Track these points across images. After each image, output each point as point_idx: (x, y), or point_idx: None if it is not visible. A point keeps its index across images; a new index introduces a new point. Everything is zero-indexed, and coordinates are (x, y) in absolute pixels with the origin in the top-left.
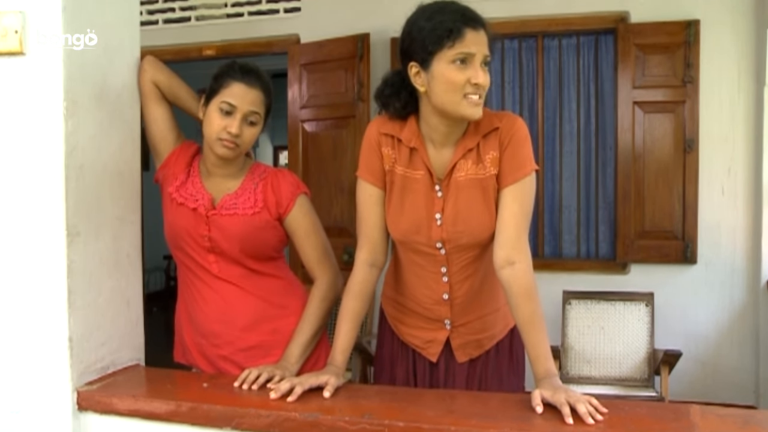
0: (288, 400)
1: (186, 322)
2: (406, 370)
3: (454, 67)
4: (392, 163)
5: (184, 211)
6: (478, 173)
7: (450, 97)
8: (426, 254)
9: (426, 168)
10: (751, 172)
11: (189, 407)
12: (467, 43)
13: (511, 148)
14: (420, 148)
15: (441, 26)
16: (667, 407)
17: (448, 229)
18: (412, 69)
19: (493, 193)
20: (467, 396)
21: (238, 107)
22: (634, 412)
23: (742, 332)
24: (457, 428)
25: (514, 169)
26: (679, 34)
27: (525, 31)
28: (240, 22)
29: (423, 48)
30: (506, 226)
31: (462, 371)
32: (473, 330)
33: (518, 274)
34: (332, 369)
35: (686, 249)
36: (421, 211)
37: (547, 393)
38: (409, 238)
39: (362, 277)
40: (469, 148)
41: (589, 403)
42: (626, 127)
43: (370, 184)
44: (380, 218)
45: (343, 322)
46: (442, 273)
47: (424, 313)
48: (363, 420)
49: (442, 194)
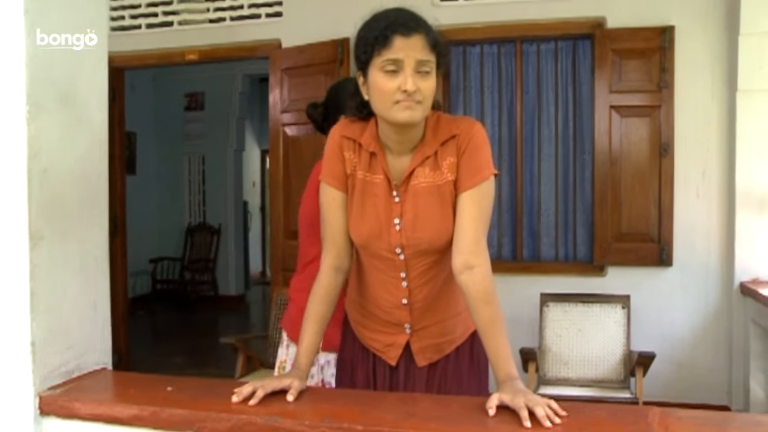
0: (249, 404)
1: None
2: (366, 373)
3: (384, 75)
4: (353, 167)
5: None
6: (435, 180)
7: (383, 103)
8: (385, 259)
9: (384, 173)
10: (725, 176)
11: (151, 411)
12: (395, 49)
13: (469, 153)
14: (379, 153)
15: (371, 34)
16: (628, 410)
17: (407, 234)
18: (359, 78)
19: (451, 198)
20: (428, 400)
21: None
22: (594, 415)
23: (716, 334)
24: None
25: (472, 174)
26: (655, 40)
27: (504, 36)
28: (222, 26)
29: (358, 57)
30: (464, 230)
31: (422, 375)
32: (433, 334)
33: (476, 278)
34: (296, 372)
35: (662, 252)
36: (381, 216)
37: (507, 396)
38: (369, 242)
39: (328, 282)
40: (427, 155)
41: (548, 406)
42: (603, 131)
43: (333, 188)
44: (344, 222)
45: (308, 325)
46: (402, 278)
47: (385, 317)
48: (323, 424)
49: (400, 200)
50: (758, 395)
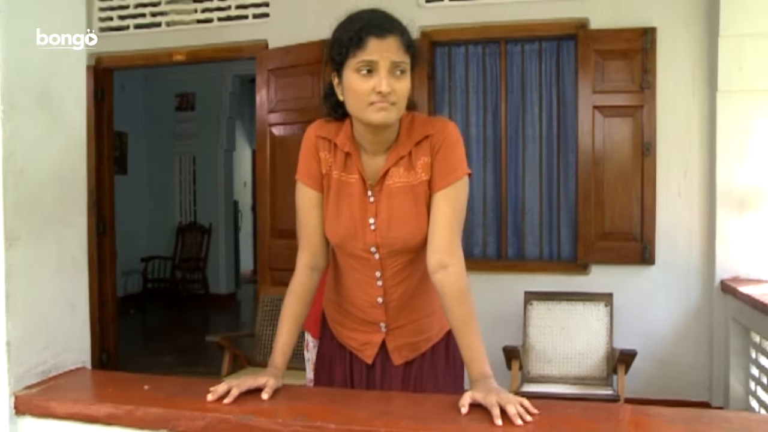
0: (224, 402)
1: None
2: (343, 371)
3: (359, 76)
4: (329, 167)
5: None
6: (410, 180)
7: (357, 104)
8: (361, 258)
9: (359, 173)
10: (706, 175)
11: (126, 410)
12: (369, 51)
13: (443, 153)
14: (353, 153)
15: (345, 36)
16: (600, 407)
17: (381, 234)
18: (334, 79)
19: (425, 198)
20: (403, 398)
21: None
22: (566, 412)
23: (697, 331)
24: (387, 430)
25: (446, 174)
26: (637, 41)
27: (488, 36)
28: (210, 27)
29: (334, 59)
30: (438, 230)
31: (398, 373)
32: (408, 333)
33: (451, 277)
34: (272, 371)
35: (644, 250)
36: (356, 216)
37: (480, 394)
38: (345, 242)
39: (303, 281)
40: (401, 155)
41: (521, 404)
42: (586, 131)
43: (308, 187)
44: (319, 222)
45: (284, 324)
46: (377, 277)
47: (361, 315)
48: (295, 422)
49: (374, 199)
50: (737, 391)
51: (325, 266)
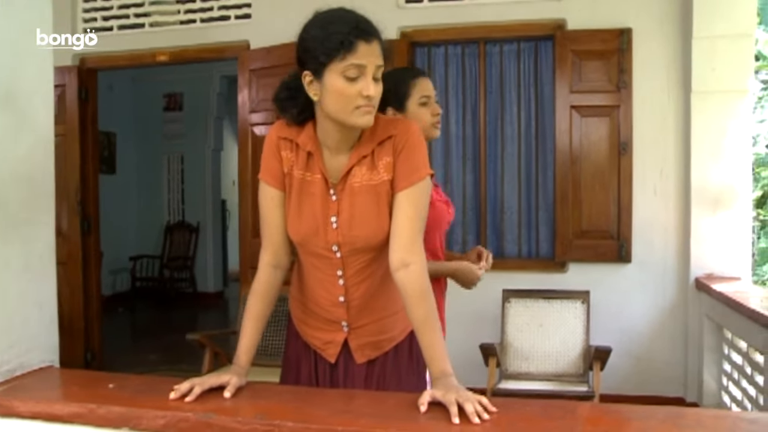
0: (186, 401)
1: None
2: (309, 370)
3: (346, 79)
4: (290, 166)
5: (439, 205)
6: (372, 179)
7: (342, 108)
8: (323, 257)
9: (321, 172)
10: (681, 174)
11: (89, 409)
12: (359, 55)
13: (405, 153)
14: (315, 153)
15: (333, 38)
16: (559, 405)
17: (343, 232)
18: (306, 77)
19: (387, 197)
20: (365, 396)
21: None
22: (524, 410)
23: (672, 328)
24: (344, 428)
25: (409, 174)
26: (613, 42)
27: (467, 37)
28: (192, 28)
29: (315, 59)
30: (401, 229)
31: (360, 372)
32: (371, 332)
33: (412, 276)
34: (235, 369)
35: (621, 248)
36: (318, 215)
37: (439, 392)
38: (306, 240)
39: (266, 279)
40: (364, 155)
41: (479, 402)
42: (564, 131)
43: (271, 186)
44: (281, 221)
45: (247, 323)
46: (338, 276)
47: (323, 314)
48: (254, 420)
49: (337, 198)
50: (711, 387)
51: (288, 265)
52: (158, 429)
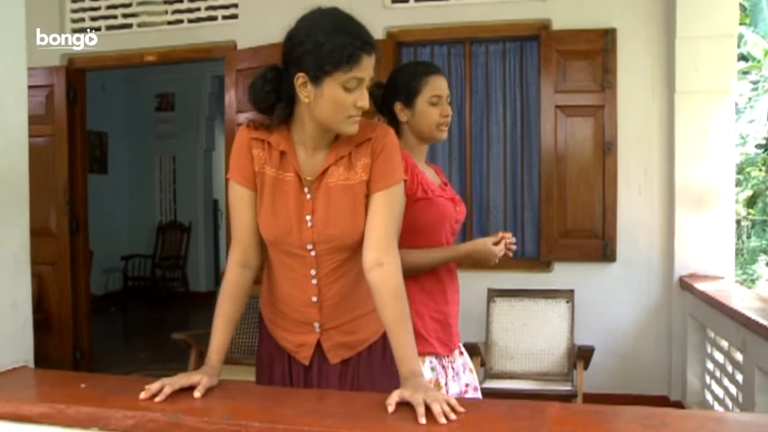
0: (155, 401)
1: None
2: (282, 372)
3: (344, 90)
4: (262, 164)
5: (442, 202)
6: (349, 179)
7: (335, 116)
8: (296, 256)
9: (295, 171)
10: (666, 174)
11: (58, 409)
12: (362, 68)
13: (383, 156)
14: (289, 152)
15: (341, 50)
16: (527, 405)
17: (318, 231)
18: (299, 79)
19: (363, 198)
20: (336, 396)
21: (443, 96)
22: (492, 411)
23: (657, 327)
24: (310, 428)
25: (386, 176)
26: (598, 42)
27: (453, 37)
28: (180, 28)
29: (318, 65)
30: (376, 229)
31: (335, 372)
32: (344, 332)
33: (386, 276)
34: (206, 369)
35: (606, 248)
36: (291, 213)
37: (407, 392)
38: (280, 239)
39: (234, 279)
40: (342, 155)
41: (447, 403)
42: (549, 130)
43: (240, 186)
44: (251, 220)
45: (217, 322)
46: (312, 275)
47: (295, 315)
48: (222, 420)
49: (311, 196)
50: (694, 385)
51: (257, 264)
52: (127, 429)
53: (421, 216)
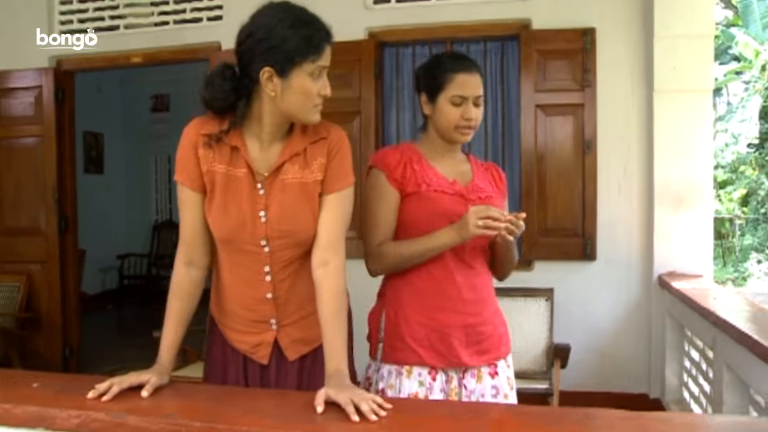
0: (103, 400)
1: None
2: (236, 372)
3: (311, 79)
4: (210, 162)
5: (436, 196)
6: (304, 176)
7: (303, 106)
8: (249, 253)
9: (247, 166)
10: (645, 173)
11: (4, 409)
12: (326, 57)
13: (339, 159)
14: (241, 147)
15: (308, 41)
16: (472, 407)
17: (272, 226)
18: (265, 74)
19: (317, 196)
20: (279, 396)
21: (469, 97)
22: (434, 412)
23: (636, 325)
24: (248, 428)
25: (340, 178)
26: (577, 41)
27: (435, 37)
28: (166, 30)
29: (286, 58)
30: (326, 229)
31: (293, 369)
32: (300, 328)
33: (329, 274)
34: (157, 368)
35: (586, 246)
36: (244, 209)
37: (332, 392)
38: (233, 236)
39: (179, 277)
40: (297, 152)
41: (374, 401)
42: (529, 129)
43: (186, 187)
44: (196, 220)
45: (167, 321)
46: (265, 272)
47: (250, 315)
48: (163, 420)
49: (265, 192)
50: (672, 383)
51: (205, 264)
52: (72, 429)
53: (411, 211)
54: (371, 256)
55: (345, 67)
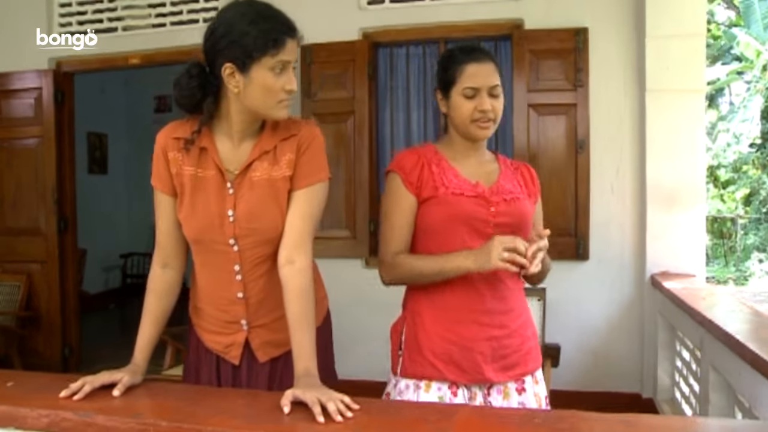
0: (74, 399)
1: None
2: (209, 373)
3: (273, 75)
4: (179, 165)
5: (454, 199)
6: (273, 173)
7: (266, 102)
8: (219, 252)
9: (216, 167)
10: (637, 172)
11: None
12: (287, 51)
13: (309, 154)
14: (210, 148)
15: (267, 35)
16: (440, 408)
17: (240, 225)
18: (226, 70)
19: (286, 193)
20: (250, 396)
21: (482, 88)
22: (400, 413)
23: (629, 324)
24: (214, 428)
25: (309, 174)
26: (570, 41)
27: (428, 37)
28: (163, 31)
29: (245, 53)
30: (292, 227)
31: (264, 371)
32: (272, 330)
33: (294, 273)
34: (130, 367)
35: (579, 246)
36: (213, 209)
37: (299, 392)
38: (203, 236)
39: (155, 278)
40: (266, 150)
41: (342, 401)
42: (522, 129)
43: (159, 191)
44: (169, 223)
45: (142, 321)
46: (236, 271)
47: (221, 316)
48: (132, 419)
49: (234, 191)
50: (665, 383)
51: (180, 265)
52: (42, 428)
53: (428, 216)
54: (384, 265)
55: (339, 67)
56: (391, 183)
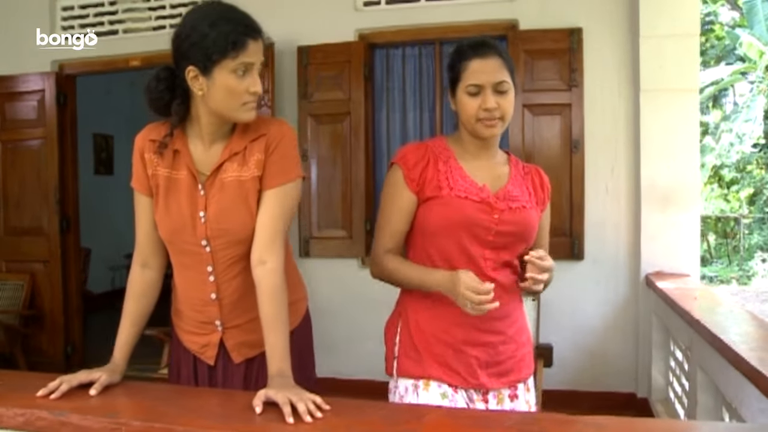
0: (51, 397)
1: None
2: (188, 373)
3: (235, 77)
4: (155, 166)
5: (458, 203)
6: (242, 174)
7: (229, 104)
8: (192, 253)
9: (188, 169)
10: (632, 172)
11: None
12: (249, 53)
13: (277, 154)
14: (183, 150)
15: (226, 37)
16: (411, 409)
17: (212, 226)
18: (190, 73)
19: (255, 193)
20: (225, 396)
21: (486, 85)
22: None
23: (624, 325)
24: (184, 428)
25: (278, 174)
26: (564, 41)
27: (423, 38)
28: (163, 34)
29: (205, 55)
30: (263, 227)
31: (239, 372)
32: (246, 331)
33: (266, 273)
34: (109, 366)
35: (574, 246)
36: (185, 210)
37: (272, 392)
38: (176, 237)
39: (134, 279)
40: (236, 151)
41: (313, 402)
42: (517, 129)
43: (137, 191)
44: (147, 224)
45: (122, 321)
46: (209, 272)
47: (197, 316)
48: (105, 419)
49: (205, 193)
50: (659, 382)
51: (159, 266)
52: (18, 427)
53: (428, 217)
54: (374, 260)
55: (335, 68)
56: (393, 176)
